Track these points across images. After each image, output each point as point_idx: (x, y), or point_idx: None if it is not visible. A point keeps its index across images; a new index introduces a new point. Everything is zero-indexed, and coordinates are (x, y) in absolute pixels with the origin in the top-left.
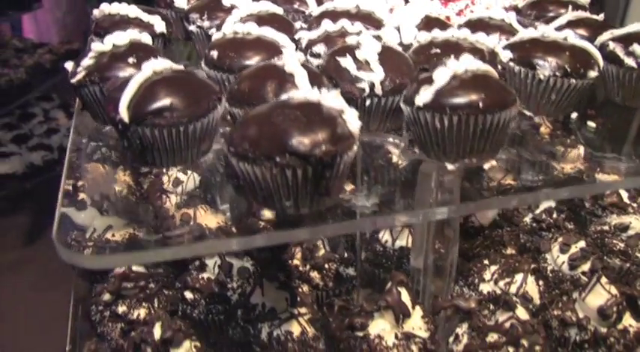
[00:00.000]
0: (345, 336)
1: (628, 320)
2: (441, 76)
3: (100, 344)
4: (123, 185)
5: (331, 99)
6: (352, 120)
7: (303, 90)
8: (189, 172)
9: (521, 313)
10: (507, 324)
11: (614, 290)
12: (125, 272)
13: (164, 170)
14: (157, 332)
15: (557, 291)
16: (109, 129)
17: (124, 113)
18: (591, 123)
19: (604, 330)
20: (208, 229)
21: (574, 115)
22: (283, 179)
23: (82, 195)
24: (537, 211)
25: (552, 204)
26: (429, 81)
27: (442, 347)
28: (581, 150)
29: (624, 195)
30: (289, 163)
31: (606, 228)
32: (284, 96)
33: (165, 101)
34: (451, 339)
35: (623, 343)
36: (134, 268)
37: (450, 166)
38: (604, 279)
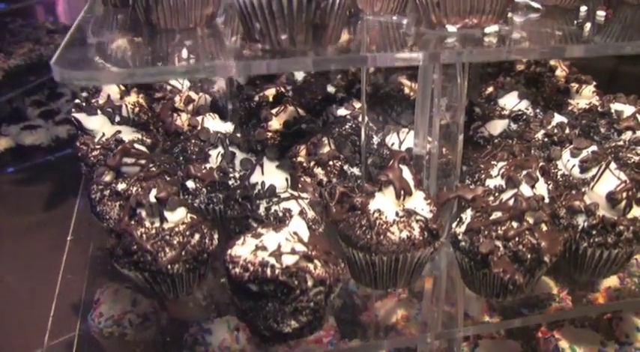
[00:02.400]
0: (345, 217)
1: (639, 212)
2: None
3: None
4: (135, 105)
5: None
6: None
7: None
8: (200, 93)
9: (526, 190)
10: (511, 201)
11: (623, 177)
12: (126, 147)
13: (176, 88)
14: (153, 195)
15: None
16: None
17: None
18: (600, 12)
19: (613, 218)
20: None
21: (583, 8)
22: (279, 6)
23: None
24: (549, 126)
25: (564, 119)
26: None
27: (444, 228)
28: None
29: None
30: None
31: (620, 143)
32: None
33: None
34: (454, 224)
35: (633, 230)
36: (137, 146)
37: (450, 28)
38: (613, 165)
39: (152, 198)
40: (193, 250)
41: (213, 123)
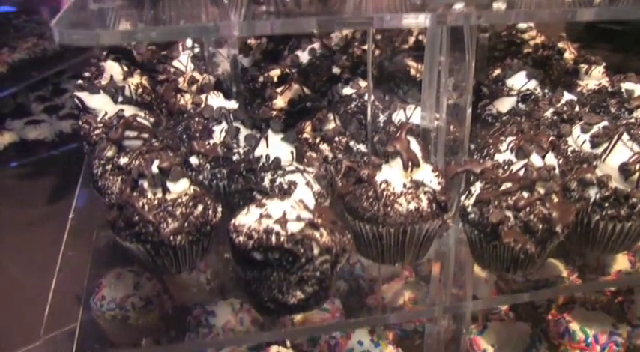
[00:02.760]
0: (352, 189)
1: None
2: None
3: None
4: (138, 86)
5: None
6: None
7: None
8: (204, 75)
9: (536, 161)
10: (521, 171)
11: (636, 148)
12: (129, 120)
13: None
14: (156, 165)
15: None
16: None
17: None
18: None
19: (626, 190)
20: None
21: None
22: None
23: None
24: (558, 104)
25: (574, 97)
26: None
27: (453, 203)
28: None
29: None
30: None
31: (632, 120)
32: None
33: None
34: (463, 197)
35: None
36: (139, 119)
37: None
38: (625, 136)
39: (154, 169)
40: (196, 221)
41: (217, 101)
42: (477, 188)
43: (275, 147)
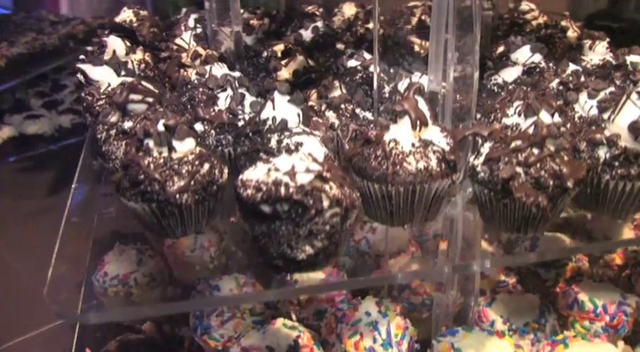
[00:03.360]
0: (360, 151)
1: None
2: None
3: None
4: (141, 62)
5: None
6: None
7: None
8: (208, 50)
9: (546, 118)
10: (531, 129)
11: None
12: (133, 83)
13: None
14: (162, 124)
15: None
16: None
17: None
18: None
19: (637, 148)
20: None
21: None
22: None
23: None
24: (564, 75)
25: (579, 68)
26: None
27: (462, 161)
28: None
29: None
30: None
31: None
32: None
33: None
34: (472, 158)
35: None
36: (144, 83)
37: None
38: (634, 96)
39: (160, 127)
40: (203, 180)
41: (222, 72)
42: (485, 148)
43: (282, 109)
